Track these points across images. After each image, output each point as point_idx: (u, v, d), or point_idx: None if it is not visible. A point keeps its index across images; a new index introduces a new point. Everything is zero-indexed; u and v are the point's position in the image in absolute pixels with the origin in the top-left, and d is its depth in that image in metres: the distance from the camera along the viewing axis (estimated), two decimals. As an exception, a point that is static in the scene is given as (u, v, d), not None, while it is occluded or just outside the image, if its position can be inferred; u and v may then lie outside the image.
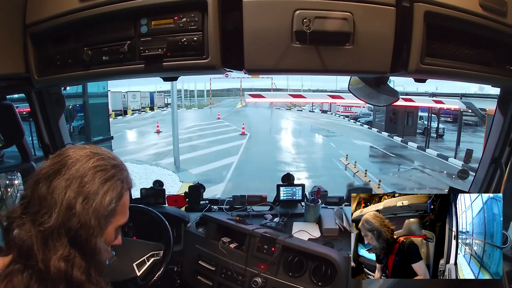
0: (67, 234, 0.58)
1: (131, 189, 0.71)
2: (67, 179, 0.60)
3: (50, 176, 0.60)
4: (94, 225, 0.60)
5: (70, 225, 0.58)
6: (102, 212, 0.61)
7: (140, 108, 28.07)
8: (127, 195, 0.68)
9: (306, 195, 1.68)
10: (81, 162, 0.62)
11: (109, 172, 0.64)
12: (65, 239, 0.58)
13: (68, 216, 0.58)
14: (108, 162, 0.65)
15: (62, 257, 0.57)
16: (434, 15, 0.82)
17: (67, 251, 0.58)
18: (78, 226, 0.58)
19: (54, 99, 1.37)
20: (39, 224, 0.57)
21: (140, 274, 1.27)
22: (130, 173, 0.72)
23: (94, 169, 0.62)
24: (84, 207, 0.59)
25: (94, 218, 0.59)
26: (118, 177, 0.65)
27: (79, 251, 0.59)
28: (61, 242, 0.58)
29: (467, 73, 0.93)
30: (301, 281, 1.32)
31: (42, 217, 0.58)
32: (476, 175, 1.45)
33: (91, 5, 0.86)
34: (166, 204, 1.75)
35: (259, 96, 9.28)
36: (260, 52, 0.83)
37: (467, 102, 10.67)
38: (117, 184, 0.64)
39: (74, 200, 0.58)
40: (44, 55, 0.98)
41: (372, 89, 1.15)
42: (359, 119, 21.89)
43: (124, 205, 0.67)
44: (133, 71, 0.89)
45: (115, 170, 0.65)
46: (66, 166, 0.61)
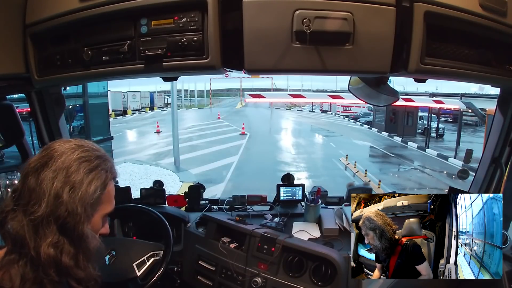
0: (55, 222, 0.61)
1: (115, 179, 0.74)
2: (54, 170, 0.63)
3: (38, 169, 0.63)
4: (81, 213, 0.63)
5: (58, 213, 0.61)
6: (88, 200, 0.64)
7: (140, 108, 28.06)
8: (111, 184, 0.72)
9: (306, 195, 1.68)
10: (66, 154, 0.65)
11: (93, 163, 0.67)
12: (54, 227, 0.61)
13: (56, 205, 0.61)
14: (92, 153, 0.68)
15: (52, 244, 0.60)
16: (434, 15, 0.82)
17: (56, 238, 0.61)
18: (65, 214, 0.61)
19: (54, 99, 1.37)
20: (30, 214, 0.61)
21: (140, 274, 1.26)
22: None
23: (79, 160, 0.65)
24: (70, 196, 0.62)
25: (80, 206, 0.63)
26: (102, 167, 0.68)
27: (68, 238, 0.62)
28: (50, 229, 0.61)
29: (467, 73, 0.93)
30: (301, 281, 1.31)
31: (32, 207, 0.61)
32: (476, 175, 1.45)
33: (91, 5, 0.86)
34: (166, 204, 1.75)
35: (259, 96, 9.28)
36: (260, 52, 0.83)
37: (467, 102, 10.65)
38: (101, 173, 0.67)
39: (61, 189, 0.62)
40: (44, 55, 0.98)
41: (372, 89, 1.15)
42: (359, 119, 21.88)
43: (109, 194, 0.70)
44: (133, 71, 0.89)
45: (99, 161, 0.68)
46: (52, 159, 0.64)
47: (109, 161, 0.72)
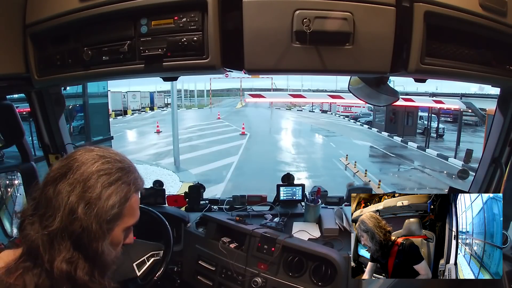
0: (70, 238, 0.60)
1: (140, 191, 0.71)
2: (71, 183, 0.61)
3: (57, 180, 0.62)
4: (96, 230, 0.61)
5: (73, 229, 0.59)
6: (104, 217, 0.61)
7: (140, 108, 28.07)
8: (135, 197, 0.68)
9: (306, 195, 1.68)
10: (86, 165, 0.63)
11: (113, 176, 0.64)
12: (68, 242, 0.60)
13: (71, 220, 0.59)
14: (114, 165, 0.65)
15: (65, 259, 0.59)
16: (434, 15, 0.82)
17: (70, 253, 0.60)
18: (80, 230, 0.60)
19: (54, 99, 1.37)
20: (45, 227, 0.60)
21: (140, 274, 1.26)
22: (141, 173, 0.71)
23: (98, 173, 0.62)
24: (86, 212, 0.60)
25: (95, 223, 0.60)
26: (124, 180, 0.65)
27: (82, 254, 0.61)
28: (64, 245, 0.59)
29: (467, 73, 0.93)
30: (301, 281, 1.31)
31: (48, 219, 0.60)
32: (476, 175, 1.45)
33: (91, 5, 0.86)
34: (166, 204, 1.75)
35: (259, 96, 9.29)
36: (260, 52, 0.83)
37: (467, 102, 10.65)
38: (121, 187, 0.64)
39: (76, 205, 0.59)
40: (44, 55, 0.98)
41: (372, 89, 1.15)
42: (359, 119, 21.89)
43: (131, 207, 0.67)
44: (133, 71, 0.89)
45: (120, 173, 0.65)
46: (71, 170, 0.62)
47: (133, 173, 0.68)
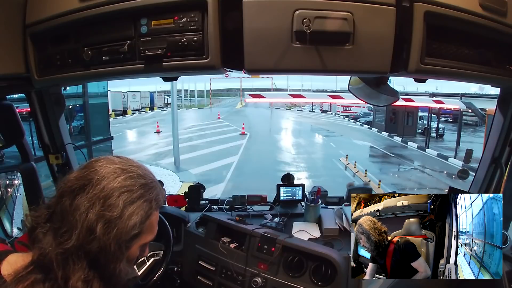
0: (86, 257, 0.57)
1: (161, 207, 0.68)
2: (90, 198, 0.57)
3: (74, 192, 0.58)
4: (114, 251, 0.58)
5: (90, 248, 0.57)
6: (124, 237, 0.58)
7: (140, 108, 28.07)
8: (155, 214, 0.65)
9: (306, 195, 1.68)
10: (107, 180, 0.59)
11: (135, 193, 0.60)
12: (84, 261, 0.57)
13: (88, 240, 0.56)
14: (136, 182, 0.61)
15: (81, 279, 0.56)
16: (434, 15, 0.82)
17: (85, 273, 0.57)
18: (97, 250, 0.57)
19: (54, 99, 1.37)
20: (59, 244, 0.57)
21: (140, 274, 1.26)
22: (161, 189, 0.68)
23: (119, 190, 0.59)
24: (105, 231, 0.56)
25: (114, 244, 0.57)
26: (146, 198, 0.62)
27: (98, 273, 0.58)
28: (80, 264, 0.57)
29: (467, 73, 0.93)
30: (301, 281, 1.31)
31: (63, 236, 0.57)
32: (476, 175, 1.45)
33: (91, 5, 0.86)
34: (166, 204, 1.75)
35: (259, 96, 9.29)
36: (260, 52, 0.82)
37: (467, 102, 10.67)
38: (143, 206, 0.61)
39: (95, 223, 0.56)
40: (44, 55, 0.98)
41: (372, 89, 1.15)
42: (359, 119, 21.89)
43: (151, 224, 0.64)
44: (133, 71, 0.89)
45: (143, 191, 0.62)
46: (91, 183, 0.59)
47: (155, 189, 0.65)
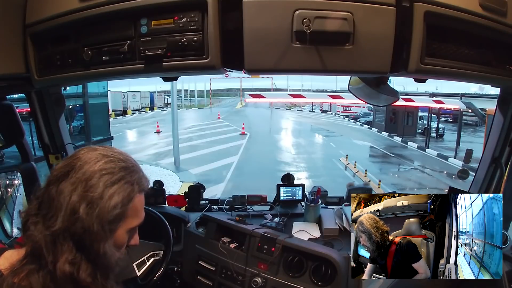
0: (72, 238, 0.59)
1: (144, 191, 0.69)
2: (73, 182, 0.60)
3: (60, 179, 0.61)
4: (98, 230, 0.59)
5: (75, 229, 0.58)
6: (106, 217, 0.60)
7: (140, 108, 28.08)
8: (139, 197, 0.67)
9: (306, 195, 1.68)
10: (88, 164, 0.61)
11: (116, 175, 0.62)
12: (70, 243, 0.59)
13: (72, 221, 0.58)
14: (117, 165, 0.64)
15: (68, 261, 0.58)
16: (434, 15, 0.82)
17: (72, 255, 0.58)
18: (82, 231, 0.58)
19: (54, 99, 1.37)
20: (47, 227, 0.59)
21: (140, 274, 1.26)
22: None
23: (100, 172, 0.61)
24: (88, 212, 0.58)
25: (97, 224, 0.59)
26: (127, 179, 0.64)
27: (85, 255, 0.60)
28: (67, 246, 0.58)
29: (467, 73, 0.93)
30: (301, 281, 1.31)
31: (50, 220, 0.59)
32: (476, 175, 1.45)
33: (91, 5, 0.86)
34: (166, 204, 1.75)
35: (259, 96, 9.29)
36: (260, 52, 0.82)
37: (467, 102, 10.66)
38: (124, 187, 0.63)
39: (78, 204, 0.58)
40: (44, 55, 0.98)
41: (372, 89, 1.15)
42: (359, 119, 21.88)
43: (135, 208, 0.66)
44: (133, 71, 0.89)
45: (123, 173, 0.64)
46: (74, 169, 0.61)
47: (137, 172, 0.67)
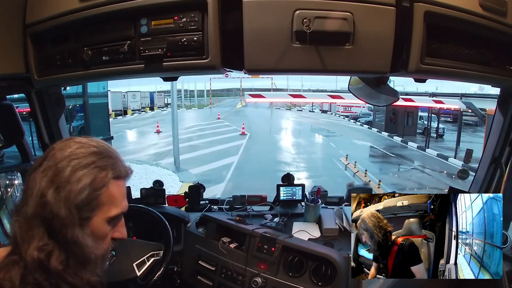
0: (42, 224, 0.58)
1: (122, 178, 0.66)
2: (44, 169, 0.59)
3: (36, 168, 0.61)
4: (65, 215, 0.58)
5: (44, 215, 0.57)
6: (73, 201, 0.58)
7: (140, 108, 28.06)
8: (115, 183, 0.64)
9: (306, 195, 1.68)
10: (60, 151, 0.61)
11: (86, 160, 0.60)
12: (41, 229, 0.58)
13: (42, 206, 0.57)
14: (87, 150, 0.62)
15: (38, 247, 0.57)
16: (434, 15, 0.82)
17: (43, 241, 0.57)
18: (51, 216, 0.57)
19: (54, 99, 1.36)
20: (21, 214, 0.59)
21: (140, 274, 1.26)
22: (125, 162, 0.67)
23: (70, 157, 0.60)
24: (55, 196, 0.57)
25: (65, 208, 0.57)
26: (98, 164, 0.61)
27: (56, 242, 0.58)
28: (37, 231, 0.57)
29: (467, 73, 0.93)
30: (301, 281, 1.31)
31: (23, 207, 0.59)
32: (476, 175, 1.45)
33: (91, 5, 0.86)
34: (166, 204, 1.75)
35: (259, 96, 9.27)
36: (260, 52, 0.83)
37: (467, 102, 10.65)
38: (93, 171, 0.60)
39: (46, 189, 0.58)
40: (44, 55, 0.98)
41: (372, 89, 1.15)
42: (359, 119, 21.88)
43: (111, 195, 0.62)
44: (133, 71, 0.89)
45: (94, 157, 0.61)
46: (47, 158, 0.61)
47: (111, 158, 0.64)
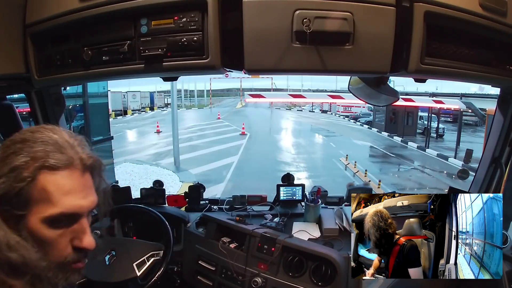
0: None
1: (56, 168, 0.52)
2: None
3: None
4: None
5: None
6: None
7: (140, 108, 28.05)
8: (50, 177, 0.52)
9: (306, 195, 1.68)
10: (20, 134, 0.55)
11: (10, 149, 0.52)
12: None
13: None
14: (17, 137, 0.54)
15: None
16: (434, 15, 0.82)
17: None
18: None
19: (54, 99, 1.36)
20: None
21: (140, 274, 1.27)
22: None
23: (14, 141, 0.53)
24: None
25: None
26: (19, 153, 0.51)
27: None
28: None
29: (467, 73, 0.93)
30: (301, 281, 1.31)
31: None
32: (476, 175, 1.45)
33: (91, 5, 0.86)
34: (166, 204, 1.75)
35: (259, 96, 9.27)
36: (260, 52, 0.83)
37: (467, 102, 10.65)
38: (11, 159, 0.51)
39: None
40: (44, 55, 0.98)
41: (372, 89, 1.15)
42: (359, 119, 21.88)
43: (44, 190, 0.51)
44: (133, 71, 0.89)
45: (20, 145, 0.52)
46: None
47: (42, 145, 0.53)
